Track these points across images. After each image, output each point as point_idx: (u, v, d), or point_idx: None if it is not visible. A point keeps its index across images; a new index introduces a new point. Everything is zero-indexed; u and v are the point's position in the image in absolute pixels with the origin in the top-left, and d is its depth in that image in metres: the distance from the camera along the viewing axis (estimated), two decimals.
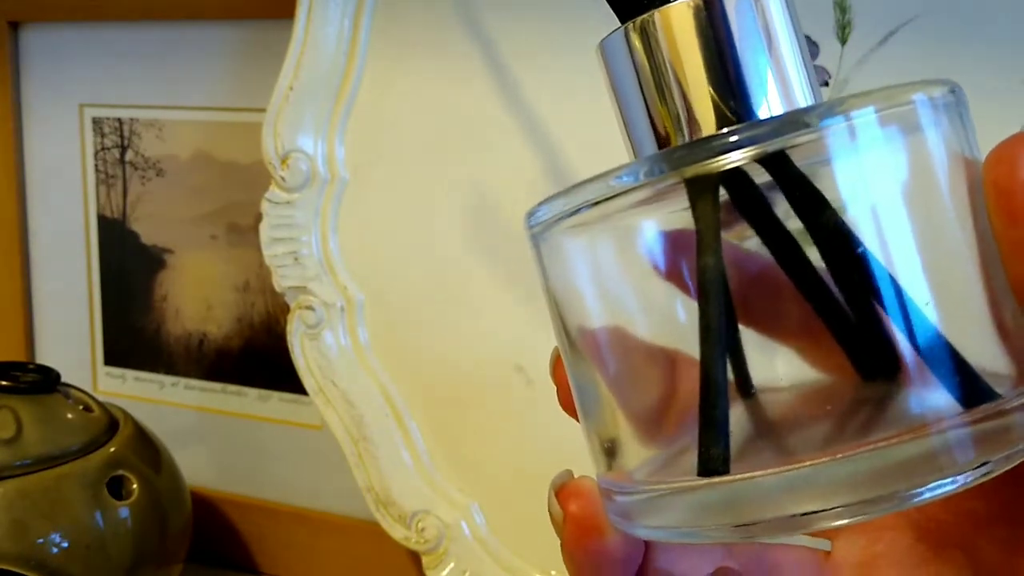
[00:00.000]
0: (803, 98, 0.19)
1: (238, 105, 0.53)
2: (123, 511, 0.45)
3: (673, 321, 0.19)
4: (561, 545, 0.21)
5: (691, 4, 0.19)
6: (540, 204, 0.20)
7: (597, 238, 0.19)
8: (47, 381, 0.48)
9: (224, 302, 0.56)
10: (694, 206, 0.18)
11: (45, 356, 0.61)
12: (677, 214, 0.18)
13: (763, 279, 0.19)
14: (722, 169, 0.17)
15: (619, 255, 0.19)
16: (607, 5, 0.21)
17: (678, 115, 0.19)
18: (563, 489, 0.21)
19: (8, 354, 0.60)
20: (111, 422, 0.48)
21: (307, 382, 0.47)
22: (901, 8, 0.37)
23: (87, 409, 0.48)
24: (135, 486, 0.46)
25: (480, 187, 0.44)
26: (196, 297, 0.56)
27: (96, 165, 0.58)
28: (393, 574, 0.51)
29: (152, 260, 0.57)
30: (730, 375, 0.19)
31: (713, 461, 0.18)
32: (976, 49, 0.36)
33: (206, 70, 0.54)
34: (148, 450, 0.49)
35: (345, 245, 0.47)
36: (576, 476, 0.21)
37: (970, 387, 0.17)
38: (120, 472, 0.46)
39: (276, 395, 0.55)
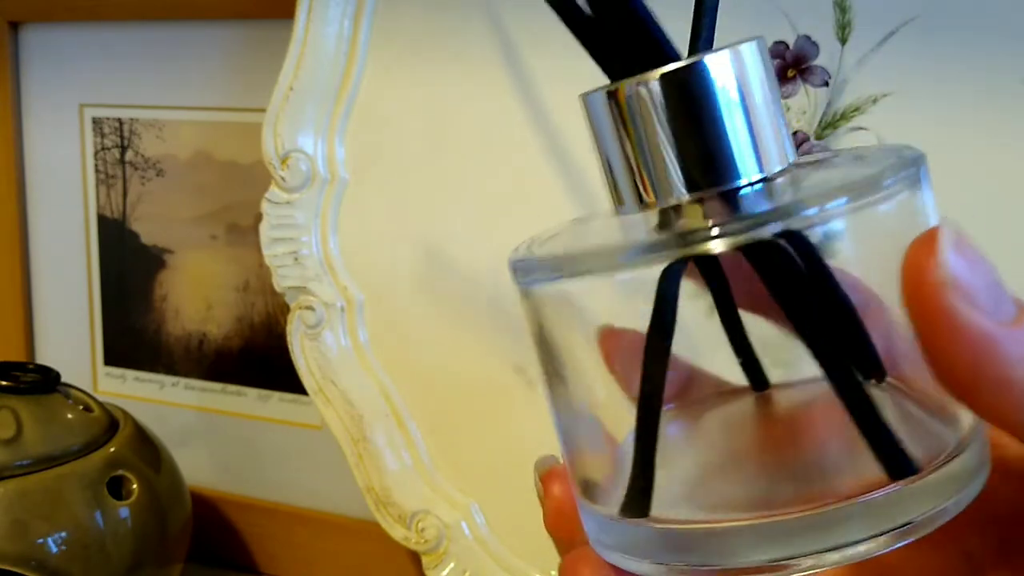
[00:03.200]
0: (779, 161, 0.20)
1: (238, 105, 0.53)
2: (123, 511, 0.45)
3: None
4: (544, 522, 0.23)
5: (675, 71, 0.19)
6: (526, 258, 0.21)
7: (590, 296, 0.20)
8: (47, 381, 0.48)
9: (224, 302, 0.56)
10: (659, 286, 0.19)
11: (45, 356, 0.61)
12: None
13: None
14: (691, 255, 0.18)
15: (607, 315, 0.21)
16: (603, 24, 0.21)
17: (658, 179, 0.20)
18: (546, 473, 0.23)
19: (8, 354, 0.60)
20: (111, 422, 0.48)
21: (307, 382, 0.47)
22: (901, 8, 0.37)
23: (87, 409, 0.48)
24: (135, 486, 0.46)
25: (480, 186, 0.44)
26: (196, 297, 0.56)
27: (96, 165, 0.58)
28: (393, 574, 0.51)
29: (152, 260, 0.57)
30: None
31: (635, 505, 0.19)
32: (976, 49, 0.36)
33: (206, 70, 0.54)
34: (148, 450, 0.49)
35: (345, 245, 0.47)
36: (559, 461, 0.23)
37: (896, 459, 0.18)
38: (120, 472, 0.46)
39: (276, 395, 0.55)
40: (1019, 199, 0.36)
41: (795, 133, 0.39)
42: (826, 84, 0.38)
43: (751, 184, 0.19)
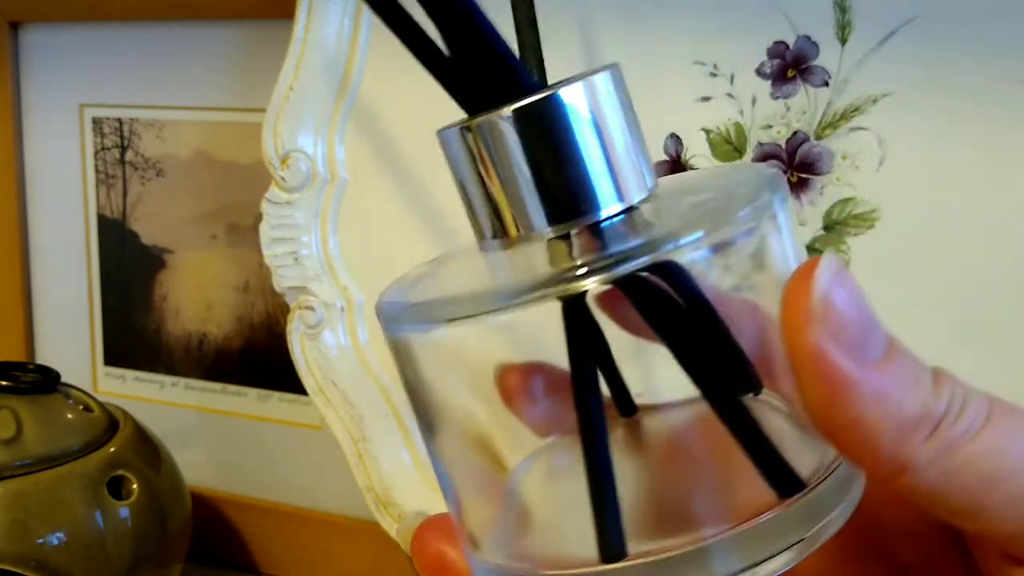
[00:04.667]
0: (640, 190, 0.20)
1: (238, 105, 0.53)
2: (123, 511, 0.45)
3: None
4: None
5: (527, 105, 0.19)
6: (394, 304, 0.21)
7: (464, 341, 0.20)
8: (47, 381, 0.48)
9: (224, 302, 0.56)
10: (567, 326, 0.19)
11: (45, 356, 0.61)
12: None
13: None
14: (566, 294, 0.18)
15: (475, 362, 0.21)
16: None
17: (519, 214, 0.20)
18: (422, 527, 0.22)
19: (8, 354, 0.60)
20: (111, 422, 0.48)
21: (307, 382, 0.47)
22: (901, 8, 0.37)
23: (87, 409, 0.48)
24: (135, 486, 0.46)
25: None
26: (196, 297, 0.56)
27: (96, 165, 0.58)
28: (393, 574, 0.51)
29: (152, 260, 0.57)
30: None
31: (612, 547, 0.19)
32: (976, 49, 0.36)
33: (206, 70, 0.54)
34: (148, 450, 0.49)
35: (345, 245, 0.47)
36: (428, 517, 0.23)
37: (783, 478, 0.19)
38: (120, 472, 0.46)
39: (276, 395, 0.55)
40: (1019, 199, 0.36)
41: (795, 133, 0.39)
42: (826, 84, 0.38)
43: (611, 217, 0.19)
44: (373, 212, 0.46)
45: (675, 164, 0.41)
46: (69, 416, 0.47)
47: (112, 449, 0.46)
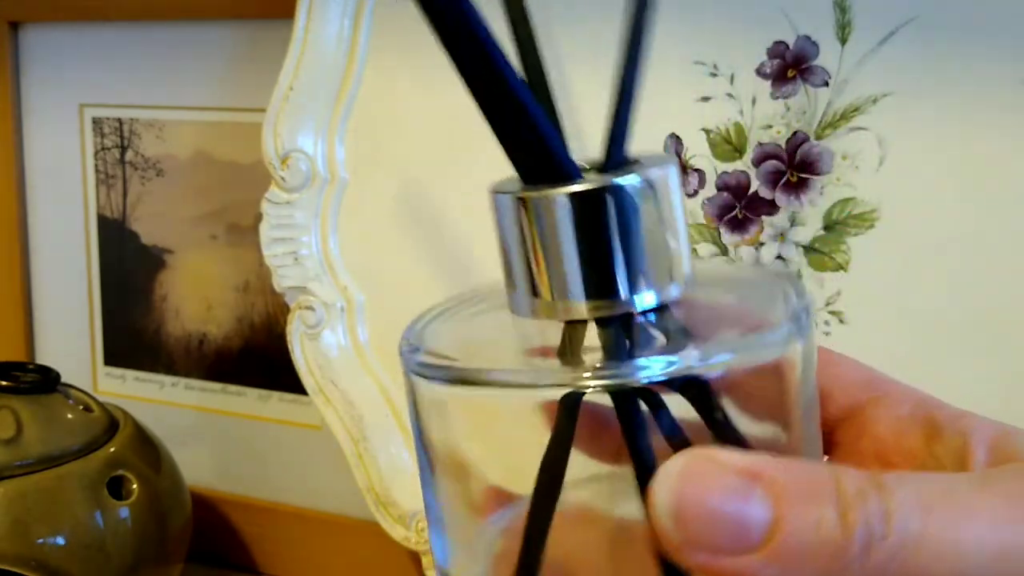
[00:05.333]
0: (674, 287, 0.21)
1: (238, 105, 0.53)
2: (123, 511, 0.45)
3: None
4: None
5: (581, 192, 0.20)
6: (415, 350, 0.22)
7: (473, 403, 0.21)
8: (47, 381, 0.48)
9: (224, 302, 0.56)
10: (558, 418, 0.20)
11: (45, 356, 0.61)
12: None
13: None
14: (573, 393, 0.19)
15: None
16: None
17: (556, 287, 0.21)
18: None
19: (8, 354, 0.60)
20: (111, 422, 0.48)
21: (307, 382, 0.47)
22: (901, 8, 0.37)
23: (87, 409, 0.48)
24: (135, 486, 0.46)
25: (480, 186, 0.44)
26: (196, 297, 0.56)
27: (96, 165, 0.58)
28: (393, 574, 0.51)
29: (152, 260, 0.57)
30: None
31: None
32: (976, 49, 0.36)
33: (206, 70, 0.54)
34: (148, 450, 0.49)
35: (345, 245, 0.47)
36: None
37: None
38: (120, 472, 0.46)
39: (276, 395, 0.55)
40: (1019, 198, 0.36)
41: (795, 133, 0.39)
42: (826, 84, 0.38)
43: (644, 312, 0.20)
44: (373, 212, 0.46)
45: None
46: (69, 416, 0.47)
47: (112, 449, 0.46)
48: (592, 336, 0.21)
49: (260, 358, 0.55)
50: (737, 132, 0.40)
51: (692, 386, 0.19)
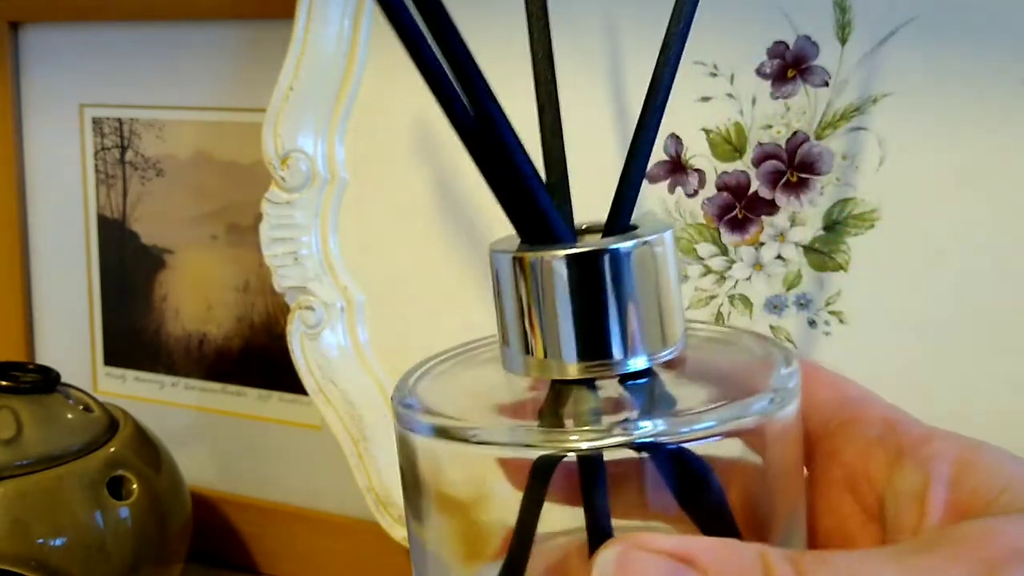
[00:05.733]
0: (668, 348, 0.21)
1: (238, 105, 0.53)
2: (123, 511, 0.45)
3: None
4: None
5: (579, 254, 0.21)
6: (408, 406, 0.22)
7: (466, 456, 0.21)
8: (47, 381, 0.48)
9: (224, 302, 0.56)
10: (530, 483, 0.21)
11: (45, 356, 0.61)
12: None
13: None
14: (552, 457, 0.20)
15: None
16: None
17: (549, 346, 0.21)
18: None
19: (8, 354, 0.60)
20: (111, 422, 0.48)
21: (307, 382, 0.47)
22: (901, 8, 0.37)
23: (87, 409, 0.48)
24: (135, 486, 0.46)
25: (480, 187, 0.44)
26: (196, 297, 0.56)
27: (96, 165, 0.58)
28: (393, 574, 0.51)
29: (152, 260, 0.57)
30: None
31: None
32: (976, 49, 0.36)
33: (206, 70, 0.54)
34: (148, 450, 0.49)
35: (345, 245, 0.47)
36: None
37: None
38: (120, 472, 0.46)
39: (276, 395, 0.55)
40: (1019, 199, 0.36)
41: (795, 133, 0.39)
42: (826, 84, 0.38)
43: (635, 375, 0.21)
44: (373, 212, 0.46)
45: (675, 164, 0.41)
46: (69, 416, 0.47)
47: (112, 449, 0.46)
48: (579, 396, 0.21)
49: (260, 358, 0.55)
50: (737, 132, 0.40)
51: (666, 454, 0.20)
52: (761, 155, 0.39)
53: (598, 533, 0.20)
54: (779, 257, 0.40)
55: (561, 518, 0.22)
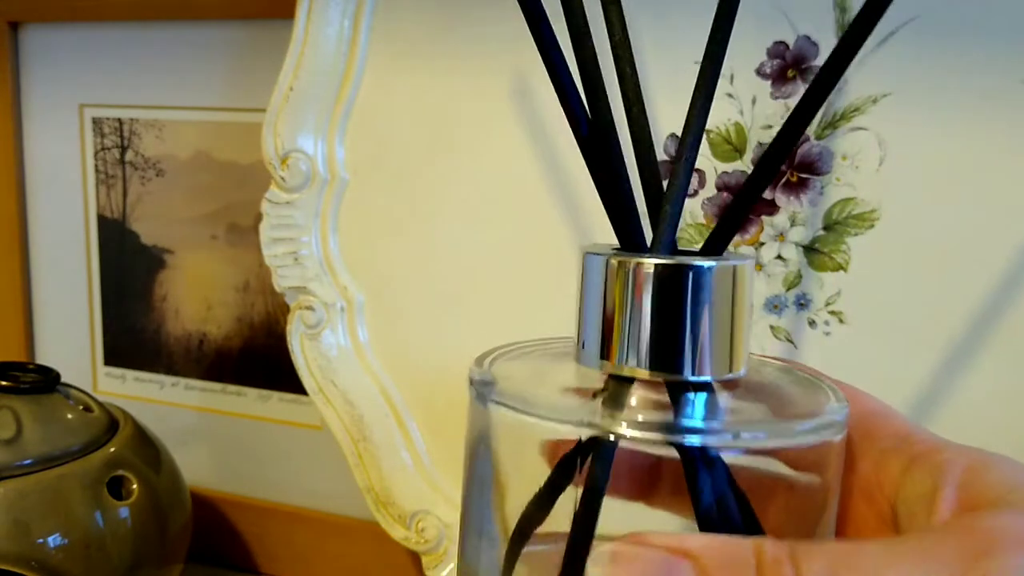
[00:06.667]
0: (736, 368, 0.23)
1: (238, 105, 0.53)
2: (123, 511, 0.45)
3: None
4: None
5: (669, 264, 0.22)
6: (486, 382, 0.24)
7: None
8: (47, 381, 0.48)
9: (224, 302, 0.56)
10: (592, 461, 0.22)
11: (45, 356, 0.61)
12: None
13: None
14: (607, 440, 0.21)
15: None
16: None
17: (628, 350, 0.23)
18: None
19: (8, 354, 0.60)
20: (111, 422, 0.48)
21: (307, 382, 0.47)
22: (901, 8, 0.37)
23: (87, 409, 0.48)
24: (135, 486, 0.46)
25: (480, 187, 0.44)
26: (196, 297, 0.56)
27: (96, 165, 0.58)
28: (393, 574, 0.51)
29: (152, 260, 0.57)
30: None
31: None
32: (976, 49, 0.36)
33: (206, 70, 0.54)
34: (148, 450, 0.49)
35: (345, 245, 0.47)
36: None
37: None
38: (120, 472, 0.46)
39: (276, 395, 0.55)
40: (1019, 199, 0.36)
41: None
42: None
43: (698, 387, 0.22)
44: (373, 212, 0.46)
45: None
46: (69, 416, 0.47)
47: (112, 449, 0.46)
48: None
49: (260, 358, 0.55)
50: (737, 132, 0.40)
51: (712, 460, 0.21)
52: (761, 155, 0.39)
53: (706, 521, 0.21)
54: (779, 257, 0.40)
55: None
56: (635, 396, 0.22)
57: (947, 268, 0.37)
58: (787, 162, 0.39)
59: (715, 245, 0.23)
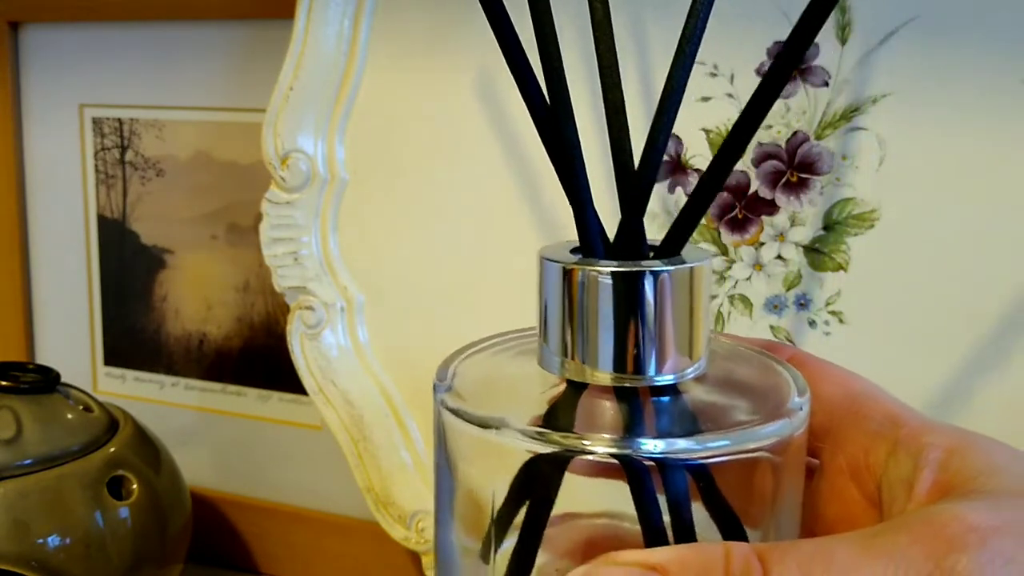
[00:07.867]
0: (695, 361, 0.23)
1: (238, 105, 0.53)
2: (123, 511, 0.45)
3: None
4: None
5: (626, 272, 0.22)
6: (445, 387, 0.24)
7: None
8: (47, 381, 0.48)
9: (224, 302, 0.56)
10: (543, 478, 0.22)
11: (45, 356, 0.61)
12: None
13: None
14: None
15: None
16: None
17: (586, 354, 0.23)
18: None
19: (8, 354, 0.60)
20: (111, 422, 0.48)
21: (307, 382, 0.47)
22: (901, 8, 0.37)
23: (87, 409, 0.48)
24: (135, 486, 0.46)
25: (480, 187, 0.44)
26: (196, 297, 0.56)
27: (96, 165, 0.58)
28: (393, 574, 0.51)
29: (152, 260, 0.57)
30: None
31: None
32: (976, 49, 0.36)
33: (206, 70, 0.54)
34: (148, 450, 0.49)
35: (345, 245, 0.47)
36: None
37: None
38: (120, 472, 0.46)
39: (276, 395, 0.55)
40: (1018, 199, 0.36)
41: (795, 133, 0.39)
42: (826, 84, 0.38)
43: (661, 390, 0.22)
44: (373, 212, 0.46)
45: (675, 164, 0.41)
46: (69, 416, 0.47)
47: (112, 449, 0.46)
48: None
49: (260, 358, 0.55)
50: None
51: (678, 470, 0.21)
52: (761, 155, 0.39)
53: (652, 530, 0.21)
54: (779, 257, 0.40)
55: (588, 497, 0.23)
56: (591, 403, 0.23)
57: (946, 268, 0.37)
58: (787, 162, 0.39)
59: (671, 246, 0.24)
